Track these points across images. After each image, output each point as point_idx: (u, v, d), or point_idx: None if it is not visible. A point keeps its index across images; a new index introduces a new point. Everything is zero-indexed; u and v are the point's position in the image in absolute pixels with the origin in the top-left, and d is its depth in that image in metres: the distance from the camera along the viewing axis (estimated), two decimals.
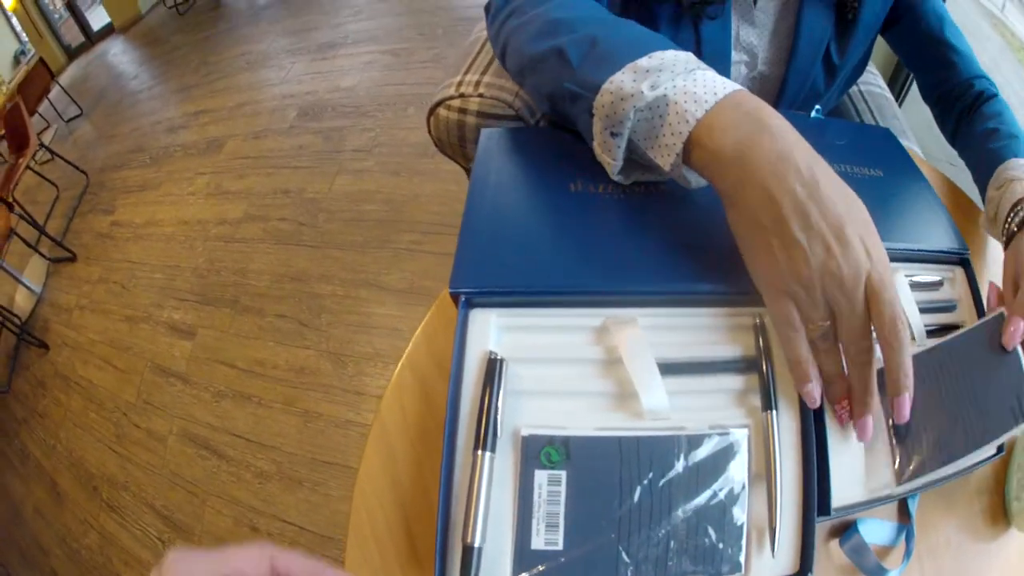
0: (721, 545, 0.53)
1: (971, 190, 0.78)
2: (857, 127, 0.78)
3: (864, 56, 0.90)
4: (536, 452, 0.55)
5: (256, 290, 2.31)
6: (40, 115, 4.11)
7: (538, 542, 0.53)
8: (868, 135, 0.76)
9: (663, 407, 0.56)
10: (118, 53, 4.49)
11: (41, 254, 3.19)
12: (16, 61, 5.39)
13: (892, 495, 0.56)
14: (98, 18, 5.18)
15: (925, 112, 0.92)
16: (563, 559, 0.53)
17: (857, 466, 0.57)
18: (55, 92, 4.10)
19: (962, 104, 0.81)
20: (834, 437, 0.56)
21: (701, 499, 0.54)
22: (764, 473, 0.54)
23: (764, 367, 0.56)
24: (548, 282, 0.60)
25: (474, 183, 0.70)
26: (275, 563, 0.37)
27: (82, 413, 2.45)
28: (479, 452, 0.53)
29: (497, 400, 0.56)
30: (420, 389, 0.67)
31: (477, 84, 0.99)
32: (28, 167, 3.29)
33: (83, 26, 5.09)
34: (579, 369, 0.58)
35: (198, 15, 4.29)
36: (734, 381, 0.58)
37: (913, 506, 0.59)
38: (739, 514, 0.53)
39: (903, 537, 0.58)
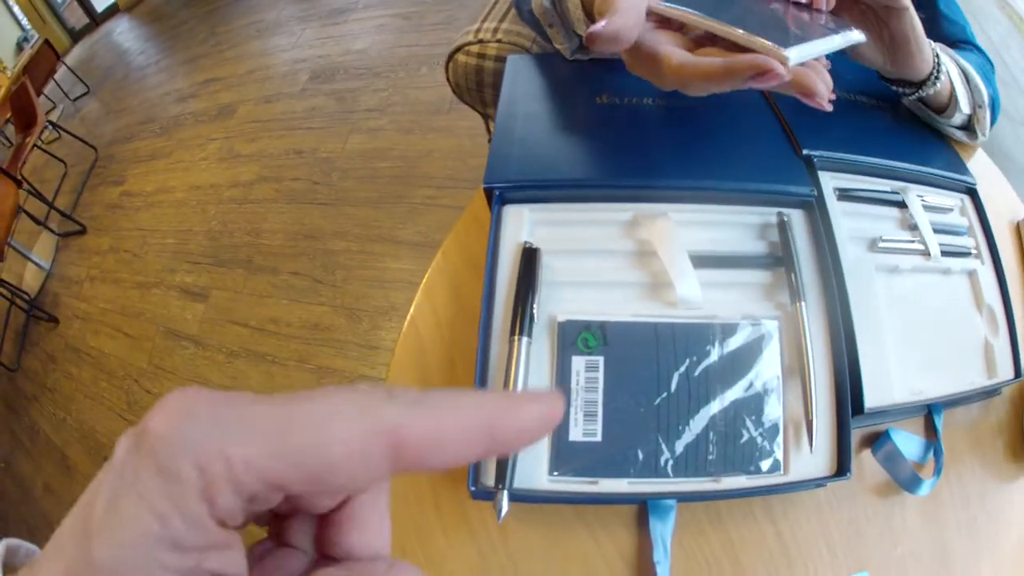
0: (759, 439, 0.52)
1: None
2: (855, 65, 0.77)
3: None
4: (573, 338, 0.54)
5: (270, 249, 2.31)
6: (46, 96, 4.08)
7: (576, 433, 0.52)
8: (863, 72, 0.75)
9: (696, 296, 0.56)
10: (124, 31, 4.48)
11: (50, 229, 3.19)
12: (19, 48, 5.38)
13: (921, 400, 0.56)
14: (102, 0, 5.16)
15: None
16: (602, 451, 0.52)
17: (887, 371, 0.56)
18: (61, 73, 4.10)
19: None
20: (863, 339, 0.56)
21: (737, 389, 0.53)
22: (797, 367, 0.54)
23: (791, 261, 0.57)
24: (580, 176, 0.61)
25: (505, 95, 0.71)
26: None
27: (92, 383, 2.45)
28: (516, 338, 0.53)
29: (534, 286, 0.55)
30: (451, 289, 0.67)
31: (495, 31, 1.01)
32: (36, 146, 3.27)
33: (87, 8, 5.06)
34: (612, 261, 0.59)
35: None
36: (762, 276, 0.58)
37: (939, 421, 0.59)
38: (775, 408, 0.53)
39: (931, 454, 0.58)
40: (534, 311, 0.54)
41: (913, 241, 0.61)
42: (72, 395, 2.47)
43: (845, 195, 0.63)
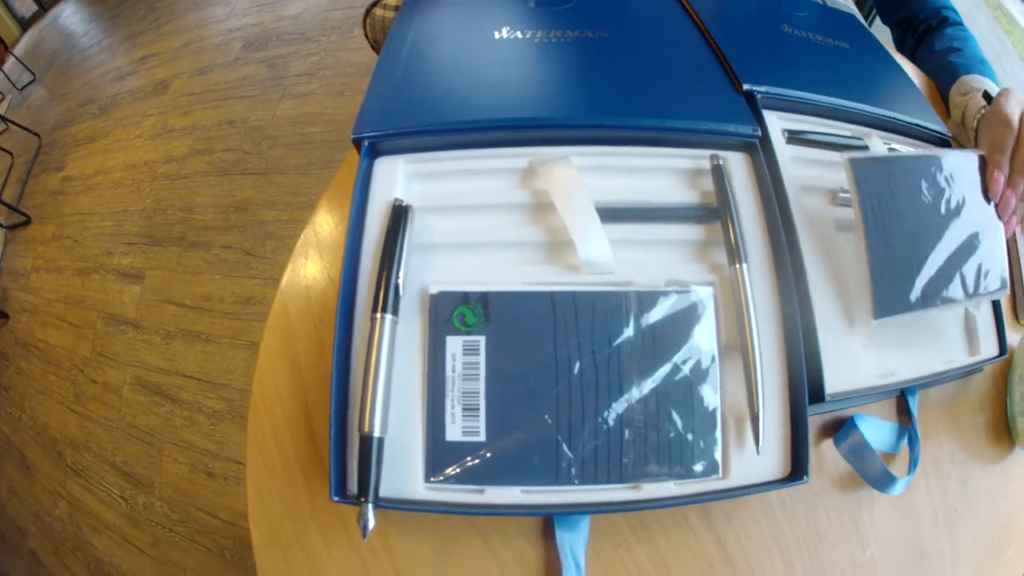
0: (690, 436, 0.43)
1: None
2: (819, 7, 0.72)
3: None
4: (448, 313, 0.45)
5: (202, 224, 2.24)
6: None
7: (454, 431, 0.43)
8: (830, 14, 0.72)
9: (605, 258, 0.45)
10: (69, 15, 4.37)
11: None
12: None
13: (893, 383, 0.47)
14: None
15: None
16: (487, 453, 0.43)
17: (850, 346, 0.47)
18: (9, 64, 4.00)
19: (925, 26, 0.80)
20: (821, 309, 0.46)
21: (660, 373, 0.43)
22: (737, 344, 0.44)
23: (728, 213, 0.47)
24: (463, 117, 0.51)
25: (393, 33, 0.61)
26: None
27: (42, 378, 2.40)
28: (378, 315, 0.44)
29: (401, 252, 0.46)
30: (325, 262, 0.57)
31: None
32: None
33: None
34: (501, 217, 0.49)
35: None
36: (691, 231, 0.48)
37: (914, 404, 0.51)
38: (710, 395, 0.43)
39: (905, 442, 0.50)
40: (399, 282, 0.45)
41: None
42: (25, 391, 2.41)
43: (796, 138, 0.54)
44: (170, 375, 2.02)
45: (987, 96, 0.62)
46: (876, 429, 0.49)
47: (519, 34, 0.58)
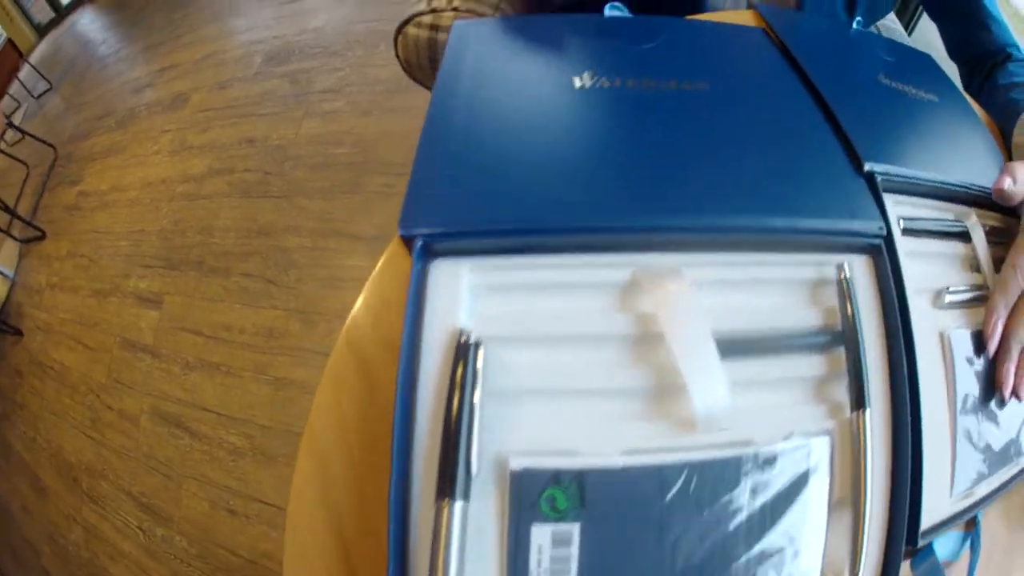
0: None
1: None
2: (900, 47, 0.66)
3: None
4: (534, 497, 0.34)
5: (221, 248, 2.17)
6: (11, 96, 4.04)
7: None
8: (911, 58, 0.65)
9: (724, 409, 0.36)
10: (87, 23, 4.38)
11: (13, 237, 3.05)
12: None
13: (973, 502, 0.43)
14: None
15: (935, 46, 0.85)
16: None
17: (944, 478, 0.41)
18: (25, 71, 4.00)
19: (992, 62, 0.77)
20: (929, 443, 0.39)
21: (765, 545, 0.36)
22: (848, 500, 0.37)
23: (855, 344, 0.38)
24: (546, 215, 0.40)
25: (439, 87, 0.48)
26: None
27: (56, 399, 2.34)
28: (444, 503, 0.34)
29: (472, 416, 0.35)
30: (364, 380, 0.44)
31: None
32: None
33: (52, 2, 4.96)
34: (596, 353, 0.38)
35: None
36: (810, 364, 0.39)
37: (980, 512, 0.46)
38: (812, 557, 0.36)
39: (967, 547, 0.46)
40: (471, 461, 0.35)
41: (982, 288, 0.47)
42: (39, 412, 2.36)
43: (911, 230, 0.45)
44: (189, 407, 1.95)
45: None
46: (945, 543, 0.45)
47: (605, 81, 0.48)
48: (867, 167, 0.44)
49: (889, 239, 0.42)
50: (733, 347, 0.37)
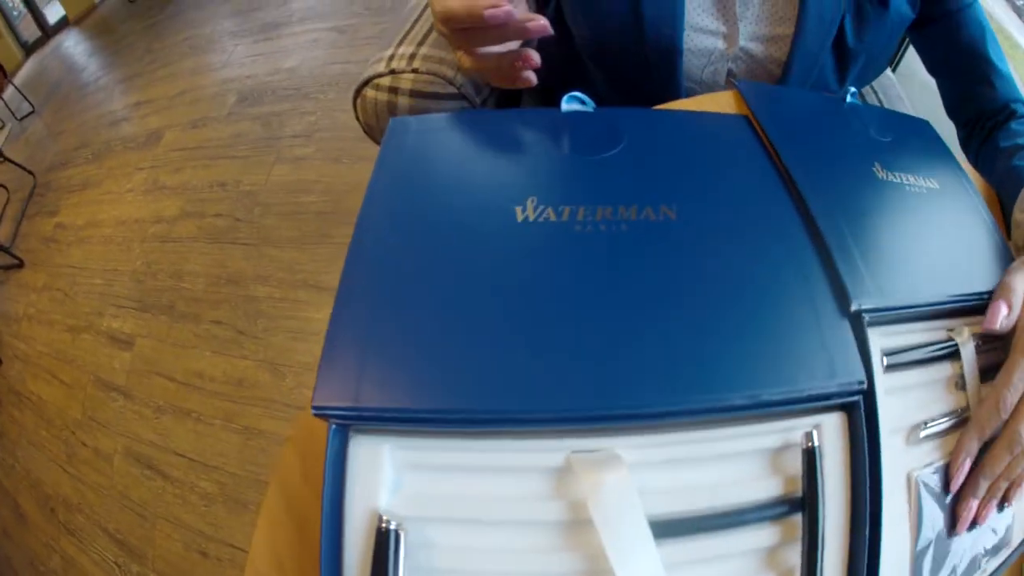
0: None
1: None
2: (895, 117, 0.63)
3: (884, 47, 0.75)
4: None
5: (192, 294, 2.17)
6: None
7: None
8: (908, 129, 0.60)
9: None
10: (71, 45, 4.35)
11: None
12: None
13: None
14: (54, 12, 4.99)
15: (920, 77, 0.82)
16: None
17: None
18: (9, 92, 3.97)
19: (993, 122, 0.70)
20: None
21: None
22: None
23: (815, 517, 0.36)
24: (472, 398, 0.36)
25: (363, 217, 0.45)
26: None
27: (34, 431, 2.33)
28: None
29: None
30: (297, 531, 0.44)
31: (411, 57, 0.81)
32: None
33: (39, 20, 4.92)
34: (526, 537, 0.36)
35: (149, 0, 4.11)
36: (762, 536, 0.37)
37: None
38: None
39: None
40: None
41: (965, 411, 0.44)
42: (18, 440, 2.35)
43: (893, 365, 0.42)
44: (161, 450, 1.96)
45: None
46: None
47: (551, 213, 0.43)
48: (855, 306, 0.40)
49: (869, 385, 0.39)
50: (675, 528, 0.35)
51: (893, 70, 1.59)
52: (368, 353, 0.38)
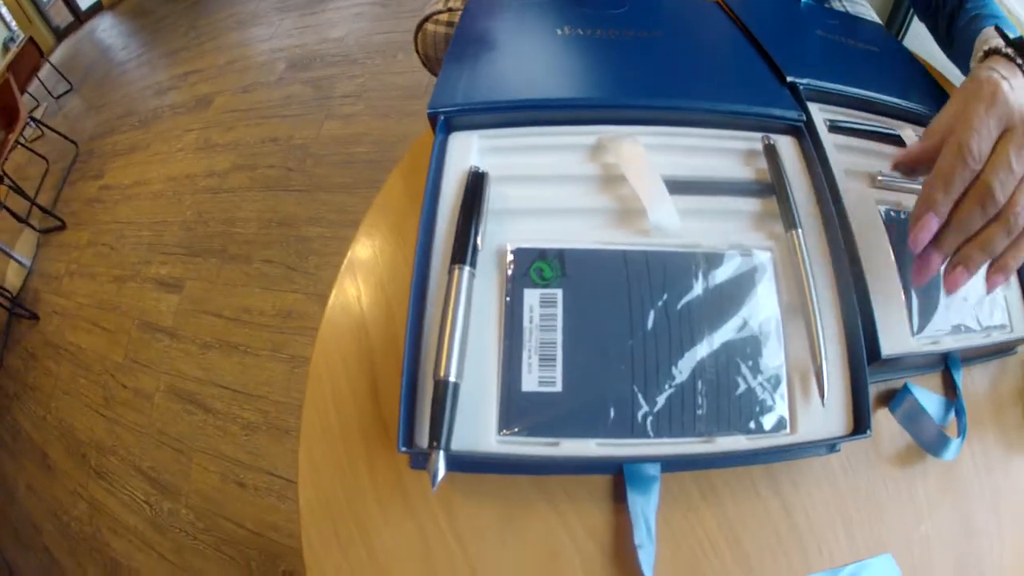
0: (759, 391, 0.44)
1: None
2: (849, 17, 0.77)
3: None
4: (525, 268, 0.46)
5: (243, 238, 2.26)
6: (31, 95, 4.05)
7: (531, 381, 0.43)
8: (858, 22, 0.76)
9: (673, 222, 0.48)
10: (107, 28, 4.45)
11: (31, 226, 3.12)
12: (5, 48, 5.32)
13: (940, 349, 0.49)
14: None
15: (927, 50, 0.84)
16: (563, 404, 0.43)
17: (900, 315, 0.49)
18: (45, 71, 4.06)
19: (952, 4, 0.74)
20: (872, 277, 0.48)
21: (728, 328, 0.45)
22: (798, 304, 0.46)
23: (783, 187, 0.50)
24: (536, 95, 0.55)
25: (460, 29, 0.66)
26: None
27: (71, 380, 2.39)
28: (456, 267, 0.45)
29: (480, 211, 0.48)
30: (395, 231, 0.60)
31: None
32: (18, 143, 3.23)
33: (71, 6, 5.03)
34: (573, 187, 0.52)
35: None
36: (749, 203, 0.51)
37: (959, 377, 0.52)
38: (776, 352, 0.45)
39: (952, 414, 0.50)
40: (478, 240, 0.46)
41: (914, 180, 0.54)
42: (52, 392, 2.41)
43: (836, 127, 0.57)
44: (205, 384, 2.01)
45: (1001, 33, 0.48)
46: (927, 399, 0.50)
47: (580, 31, 0.63)
48: (789, 79, 0.58)
49: (811, 127, 0.54)
50: (680, 186, 0.50)
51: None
52: (465, 80, 0.57)
